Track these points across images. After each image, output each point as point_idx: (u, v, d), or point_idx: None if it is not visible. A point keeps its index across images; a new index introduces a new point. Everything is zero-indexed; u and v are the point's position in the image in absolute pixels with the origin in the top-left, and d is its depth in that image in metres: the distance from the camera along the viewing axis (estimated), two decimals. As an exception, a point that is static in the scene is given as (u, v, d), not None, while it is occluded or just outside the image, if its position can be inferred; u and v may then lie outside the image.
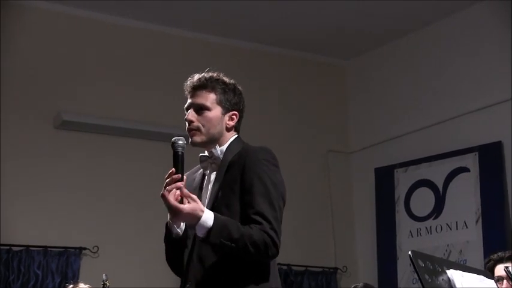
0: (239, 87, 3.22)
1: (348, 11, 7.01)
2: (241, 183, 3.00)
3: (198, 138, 3.12)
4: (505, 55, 6.58)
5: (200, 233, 2.91)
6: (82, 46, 6.84)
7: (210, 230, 2.88)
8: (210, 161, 3.15)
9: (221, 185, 3.05)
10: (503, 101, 6.56)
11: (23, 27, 6.61)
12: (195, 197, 2.94)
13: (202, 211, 2.90)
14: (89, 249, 6.39)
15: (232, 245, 2.88)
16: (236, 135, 3.19)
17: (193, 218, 2.90)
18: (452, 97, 6.99)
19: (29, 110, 6.50)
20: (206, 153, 3.17)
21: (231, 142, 3.15)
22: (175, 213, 2.93)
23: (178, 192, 2.96)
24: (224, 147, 3.13)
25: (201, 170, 3.20)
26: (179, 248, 3.10)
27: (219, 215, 2.93)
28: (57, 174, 6.48)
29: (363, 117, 7.84)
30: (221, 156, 3.11)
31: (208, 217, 2.90)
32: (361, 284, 5.65)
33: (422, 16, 7.12)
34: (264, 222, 2.93)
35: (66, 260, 6.25)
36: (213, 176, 3.13)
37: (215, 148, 3.12)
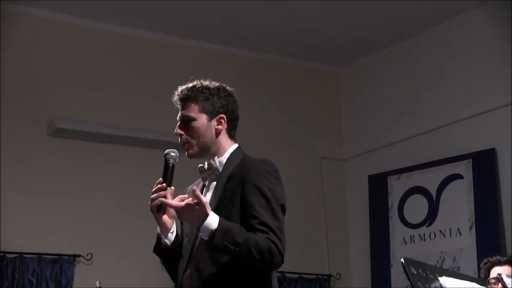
0: (227, 89, 3.21)
1: (342, 17, 7.02)
2: (241, 195, 3.00)
3: (191, 151, 3.14)
4: (498, 62, 6.59)
5: (204, 235, 2.89)
6: (76, 53, 6.84)
7: (214, 232, 2.87)
8: (209, 172, 3.15)
9: (221, 196, 3.04)
10: (497, 108, 6.56)
11: (16, 34, 6.60)
12: (203, 198, 2.92)
13: (208, 211, 2.89)
14: (83, 256, 6.38)
15: (236, 249, 2.87)
16: (237, 146, 3.18)
17: (198, 217, 2.89)
18: (446, 104, 7.00)
19: (22, 118, 6.49)
20: (205, 164, 3.17)
21: (232, 153, 3.14)
22: (179, 208, 2.93)
23: (161, 200, 2.99)
24: (224, 159, 3.13)
25: (201, 181, 3.21)
26: (169, 258, 3.13)
27: (225, 220, 2.92)
28: (51, 181, 6.47)
29: (357, 124, 7.85)
30: (220, 168, 3.11)
31: (213, 219, 2.89)
32: None
33: (416, 23, 7.13)
34: (269, 231, 2.94)
35: (60, 267, 6.24)
36: (212, 186, 3.13)
37: (214, 159, 3.12)
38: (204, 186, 3.18)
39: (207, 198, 3.10)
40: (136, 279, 6.43)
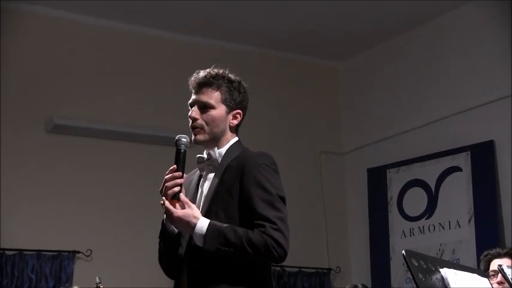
0: (244, 85, 3.21)
1: (341, 12, 7.02)
2: (240, 188, 2.98)
3: (201, 137, 3.10)
4: (496, 54, 6.59)
5: (197, 242, 2.88)
6: (74, 50, 6.84)
7: (205, 237, 2.86)
8: (207, 163, 3.13)
9: (218, 187, 3.01)
10: (495, 100, 6.56)
11: (14, 32, 6.59)
12: (191, 204, 2.93)
13: (197, 218, 2.88)
14: (82, 252, 6.39)
15: (230, 249, 2.85)
16: (237, 139, 3.16)
17: (187, 225, 2.89)
18: (444, 97, 7.00)
19: (20, 115, 6.49)
20: (204, 155, 3.15)
21: (231, 146, 3.12)
22: (168, 217, 2.94)
23: (177, 188, 2.96)
24: (223, 150, 3.10)
25: (198, 171, 3.20)
26: (174, 245, 3.07)
27: (215, 222, 2.90)
28: (50, 178, 6.47)
29: (356, 118, 7.85)
30: (219, 159, 3.09)
31: (203, 224, 2.87)
32: (360, 286, 5.66)
33: (414, 16, 7.13)
34: (266, 224, 2.89)
35: (60, 264, 6.24)
36: (209, 177, 3.10)
37: (214, 150, 3.10)
38: (201, 176, 3.16)
39: (204, 188, 3.09)
40: (135, 275, 6.43)
